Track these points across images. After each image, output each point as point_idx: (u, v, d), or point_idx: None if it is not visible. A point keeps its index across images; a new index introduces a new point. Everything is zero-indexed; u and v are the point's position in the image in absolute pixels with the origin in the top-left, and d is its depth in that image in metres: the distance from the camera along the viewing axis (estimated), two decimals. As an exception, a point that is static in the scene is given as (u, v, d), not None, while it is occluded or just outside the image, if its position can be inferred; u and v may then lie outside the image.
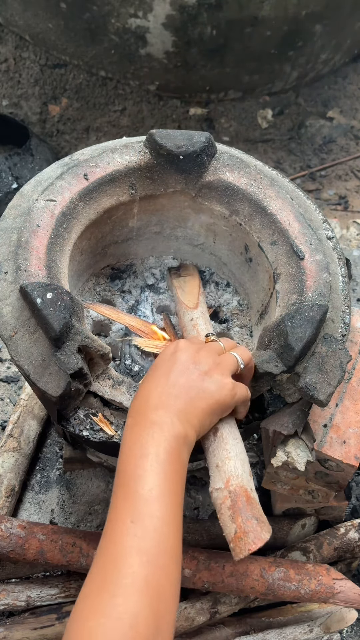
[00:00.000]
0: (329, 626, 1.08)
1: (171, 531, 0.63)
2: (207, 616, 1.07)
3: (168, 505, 0.64)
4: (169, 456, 0.67)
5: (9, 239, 0.96)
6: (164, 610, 0.58)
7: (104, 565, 0.60)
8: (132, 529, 0.60)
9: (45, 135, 2.29)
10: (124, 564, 0.58)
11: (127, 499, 0.63)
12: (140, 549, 0.59)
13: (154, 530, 0.61)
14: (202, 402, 0.75)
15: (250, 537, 0.69)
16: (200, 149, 1.06)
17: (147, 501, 0.63)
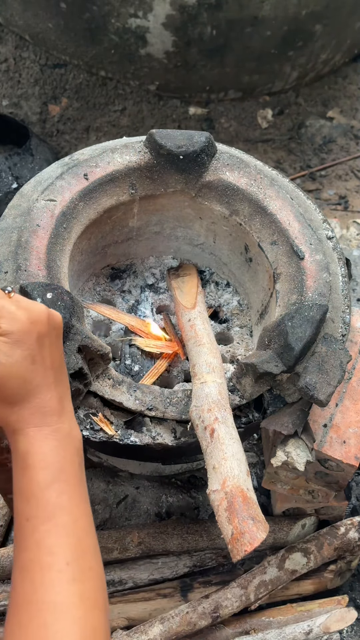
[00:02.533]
0: (328, 626, 1.08)
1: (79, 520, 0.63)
2: (209, 620, 1.08)
3: (62, 496, 0.63)
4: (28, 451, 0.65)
5: (9, 238, 0.96)
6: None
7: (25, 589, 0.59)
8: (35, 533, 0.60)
9: (45, 135, 2.29)
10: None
11: (27, 504, 0.62)
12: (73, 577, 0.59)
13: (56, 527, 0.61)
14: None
15: (246, 537, 0.69)
16: (200, 148, 1.06)
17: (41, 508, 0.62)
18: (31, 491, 0.62)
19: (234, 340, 1.17)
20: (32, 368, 0.65)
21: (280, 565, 1.14)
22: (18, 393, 0.64)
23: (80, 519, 0.63)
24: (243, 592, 1.11)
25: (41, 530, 0.60)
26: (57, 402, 0.67)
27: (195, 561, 1.19)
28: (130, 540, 1.16)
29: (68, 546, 0.61)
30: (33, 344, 0.65)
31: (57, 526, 0.61)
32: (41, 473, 0.63)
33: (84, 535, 0.63)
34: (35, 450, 0.63)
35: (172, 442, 0.91)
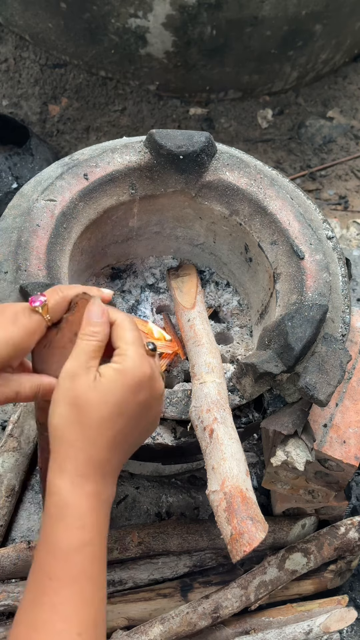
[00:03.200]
0: (328, 626, 1.08)
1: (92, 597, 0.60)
2: (209, 621, 1.08)
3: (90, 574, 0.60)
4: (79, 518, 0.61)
5: (9, 238, 0.96)
6: None
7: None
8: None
9: (45, 135, 2.29)
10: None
11: (72, 584, 0.59)
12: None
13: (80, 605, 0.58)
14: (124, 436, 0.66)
15: (245, 537, 0.69)
16: (200, 148, 1.06)
17: (93, 590, 0.59)
18: (61, 548, 0.58)
19: (234, 340, 1.17)
20: (115, 419, 0.62)
21: (280, 565, 1.14)
22: (90, 426, 0.60)
23: (101, 590, 0.61)
24: (243, 593, 1.11)
25: (61, 594, 0.57)
26: (109, 466, 0.63)
27: (196, 561, 1.19)
28: (130, 540, 1.16)
29: (84, 617, 0.58)
30: (133, 403, 0.63)
31: (78, 593, 0.58)
32: (75, 532, 0.59)
33: (99, 606, 0.60)
34: (75, 505, 0.59)
35: (172, 442, 0.91)
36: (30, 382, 0.67)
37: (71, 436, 0.60)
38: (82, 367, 0.62)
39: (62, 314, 0.68)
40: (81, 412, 0.60)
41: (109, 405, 0.61)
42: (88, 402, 0.60)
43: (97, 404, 0.60)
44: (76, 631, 0.57)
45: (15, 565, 1.14)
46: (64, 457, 0.60)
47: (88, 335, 0.64)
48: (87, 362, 0.62)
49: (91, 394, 0.60)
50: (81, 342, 0.63)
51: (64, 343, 0.68)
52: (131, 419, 0.63)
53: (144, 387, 0.64)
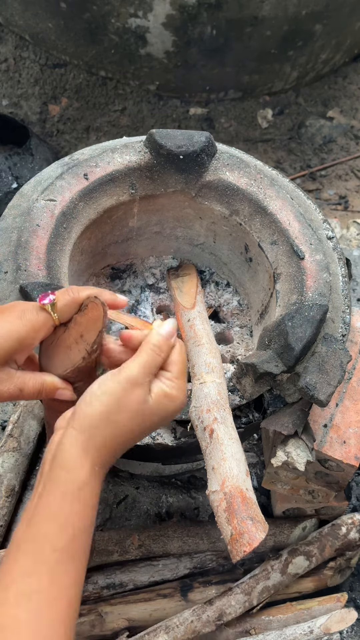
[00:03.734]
0: (329, 627, 1.08)
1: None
2: (212, 627, 1.08)
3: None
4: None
5: (9, 238, 0.96)
6: None
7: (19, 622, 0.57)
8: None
9: (45, 135, 2.29)
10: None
11: (74, 560, 0.61)
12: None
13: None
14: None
15: (245, 538, 0.69)
16: (200, 148, 1.05)
17: (81, 568, 0.62)
18: (73, 526, 0.61)
19: (234, 340, 1.17)
20: (137, 433, 0.66)
21: (283, 570, 1.14)
22: (125, 427, 0.65)
23: (84, 568, 0.64)
24: (247, 598, 1.11)
25: (61, 568, 0.60)
26: (111, 464, 0.67)
27: (196, 563, 1.18)
28: (131, 542, 1.15)
29: (74, 590, 0.61)
30: (157, 422, 0.68)
31: (75, 570, 0.61)
32: (90, 513, 0.63)
33: (82, 582, 0.64)
34: (91, 487, 0.63)
35: (172, 442, 0.91)
36: (34, 380, 0.68)
37: (106, 431, 0.64)
38: (145, 377, 0.65)
39: (71, 315, 0.70)
40: (125, 418, 0.64)
41: (149, 423, 0.66)
42: (136, 413, 0.64)
43: (142, 418, 0.65)
44: (67, 602, 0.59)
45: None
46: (92, 443, 0.63)
47: (159, 349, 0.67)
48: (150, 375, 0.66)
49: (141, 407, 0.65)
50: (151, 353, 0.67)
51: (69, 342, 0.69)
52: (144, 434, 0.68)
53: (173, 414, 0.69)
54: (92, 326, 0.67)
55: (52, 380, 0.69)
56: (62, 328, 0.69)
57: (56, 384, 0.69)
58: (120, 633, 1.11)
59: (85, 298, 0.69)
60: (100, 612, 1.11)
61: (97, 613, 1.11)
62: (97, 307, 0.68)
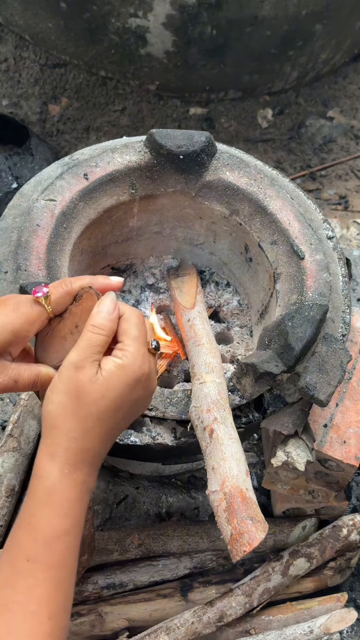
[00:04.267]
0: (329, 627, 1.08)
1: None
2: (213, 629, 1.08)
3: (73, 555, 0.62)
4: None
5: (9, 238, 0.96)
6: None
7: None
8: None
9: (45, 135, 2.29)
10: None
11: (49, 569, 0.60)
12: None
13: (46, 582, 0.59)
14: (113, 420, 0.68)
15: (245, 538, 0.69)
16: (200, 148, 1.05)
17: (65, 577, 0.61)
18: (44, 533, 0.60)
19: (234, 340, 1.17)
20: (111, 414, 0.63)
21: (284, 572, 1.14)
22: (86, 418, 0.62)
23: (72, 577, 0.62)
24: (247, 600, 1.11)
25: (38, 578, 0.59)
26: (98, 457, 0.65)
27: (196, 563, 1.18)
28: (130, 542, 1.15)
29: (55, 601, 0.59)
30: (129, 399, 0.64)
31: (53, 578, 0.59)
32: (60, 520, 0.61)
33: (69, 592, 0.62)
34: (62, 493, 0.61)
35: (172, 442, 0.91)
36: (29, 371, 0.68)
37: (66, 425, 0.61)
38: (87, 360, 0.62)
39: (65, 307, 0.69)
40: (80, 404, 0.61)
41: (108, 400, 0.62)
42: (88, 395, 0.61)
43: (97, 398, 0.61)
44: (47, 614, 0.58)
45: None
46: (56, 444, 0.61)
47: (98, 328, 0.64)
48: (92, 355, 0.63)
49: (92, 387, 0.61)
50: (89, 334, 0.64)
51: (64, 333, 0.68)
52: (125, 414, 0.65)
53: (141, 385, 0.65)
54: (86, 316, 0.66)
55: (47, 371, 0.68)
56: (58, 319, 0.69)
57: (51, 374, 0.68)
58: (120, 633, 1.11)
59: (80, 288, 0.68)
60: (100, 612, 1.11)
61: (97, 613, 1.11)
62: (92, 296, 0.67)
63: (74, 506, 0.62)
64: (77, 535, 0.62)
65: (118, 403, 0.63)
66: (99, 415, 0.62)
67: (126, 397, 0.64)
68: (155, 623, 1.10)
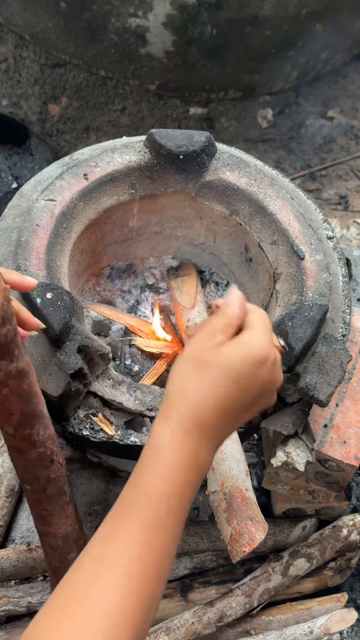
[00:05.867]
0: (329, 627, 1.07)
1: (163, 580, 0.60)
2: (213, 629, 1.08)
3: (171, 552, 0.60)
4: (190, 500, 0.63)
5: (9, 238, 0.96)
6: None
7: (84, 584, 0.55)
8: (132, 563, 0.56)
9: (45, 135, 2.29)
10: (110, 599, 0.54)
11: (147, 528, 0.58)
12: (131, 589, 0.55)
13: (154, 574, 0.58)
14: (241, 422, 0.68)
15: (244, 538, 0.69)
16: (200, 148, 1.05)
17: (163, 543, 0.59)
18: (145, 491, 0.60)
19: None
20: (229, 384, 0.61)
21: (284, 572, 1.14)
22: (202, 381, 0.61)
23: (171, 544, 0.61)
24: (247, 600, 1.11)
25: (135, 536, 0.58)
26: (214, 432, 0.63)
27: (196, 563, 1.18)
28: (131, 541, 1.15)
29: (147, 564, 0.58)
30: (249, 375, 0.62)
31: (150, 541, 0.58)
32: (163, 482, 0.60)
33: (165, 559, 0.60)
34: (168, 455, 0.60)
35: (172, 442, 0.91)
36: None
37: (183, 387, 0.61)
38: (207, 334, 0.63)
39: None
40: (198, 369, 0.61)
41: (225, 369, 0.61)
42: (206, 361, 0.61)
43: (214, 364, 0.61)
44: (137, 575, 0.56)
45: (15, 567, 1.14)
46: (171, 406, 0.61)
47: (221, 313, 0.65)
48: (214, 332, 0.63)
49: (211, 354, 0.61)
50: (213, 317, 0.65)
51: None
52: (245, 392, 0.62)
53: (266, 366, 0.63)
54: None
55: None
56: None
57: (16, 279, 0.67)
58: (120, 633, 1.11)
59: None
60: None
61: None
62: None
63: (179, 473, 0.61)
64: (181, 505, 0.61)
65: (239, 375, 0.61)
66: (215, 382, 0.61)
67: (248, 372, 0.62)
68: (155, 623, 1.10)
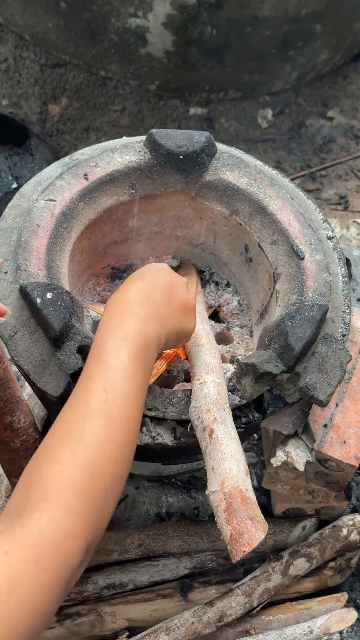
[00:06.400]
0: (329, 627, 1.08)
1: (135, 413, 0.68)
2: (213, 629, 1.08)
3: (136, 389, 0.69)
4: (144, 348, 0.72)
5: (9, 238, 0.96)
6: (122, 468, 0.65)
7: (70, 420, 0.64)
8: (104, 395, 0.65)
9: (45, 135, 2.29)
10: (91, 422, 0.63)
11: (103, 371, 0.67)
12: (107, 413, 0.64)
13: (123, 402, 0.66)
14: (176, 322, 0.82)
15: (244, 538, 0.69)
16: (200, 148, 1.05)
17: (121, 377, 0.67)
18: (128, 375, 0.68)
19: (234, 340, 1.17)
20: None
21: (284, 572, 1.14)
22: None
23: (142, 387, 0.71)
24: (247, 600, 1.11)
25: (103, 379, 0.67)
26: (165, 324, 0.79)
27: (196, 563, 1.18)
28: (131, 542, 1.15)
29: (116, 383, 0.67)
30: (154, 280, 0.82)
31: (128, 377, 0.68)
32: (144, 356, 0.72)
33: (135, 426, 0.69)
34: (149, 338, 0.73)
35: (172, 442, 0.91)
36: None
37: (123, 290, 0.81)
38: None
39: None
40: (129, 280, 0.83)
41: (137, 275, 0.83)
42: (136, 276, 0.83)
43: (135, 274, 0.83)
44: (102, 387, 0.66)
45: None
46: (114, 307, 0.78)
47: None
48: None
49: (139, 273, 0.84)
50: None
51: None
52: (154, 283, 0.81)
53: (163, 272, 0.84)
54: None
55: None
56: None
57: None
58: (120, 633, 1.11)
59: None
60: (100, 612, 1.11)
61: (97, 613, 1.11)
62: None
63: (133, 336, 0.72)
64: (142, 363, 0.72)
65: (141, 275, 0.83)
66: (133, 281, 0.82)
67: (149, 274, 0.83)
68: (155, 623, 1.10)
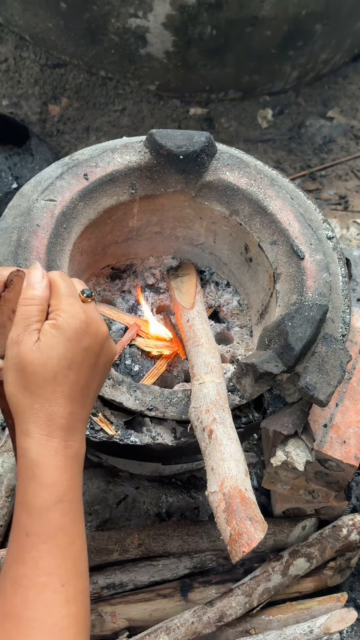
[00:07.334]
0: (329, 627, 1.08)
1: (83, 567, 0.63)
2: (213, 629, 1.08)
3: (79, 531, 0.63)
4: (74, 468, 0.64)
5: (9, 238, 0.96)
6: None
7: (13, 609, 0.58)
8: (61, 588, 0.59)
9: (45, 135, 2.29)
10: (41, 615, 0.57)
11: (48, 539, 0.61)
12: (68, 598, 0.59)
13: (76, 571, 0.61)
14: (96, 375, 0.68)
15: (244, 538, 0.69)
16: (200, 148, 1.05)
17: (68, 543, 0.61)
18: (35, 507, 0.60)
19: (234, 340, 1.17)
20: (66, 373, 0.62)
21: (284, 572, 1.14)
22: (41, 386, 0.61)
23: (78, 540, 0.63)
24: (247, 600, 1.11)
25: (40, 549, 0.59)
26: (72, 420, 0.63)
27: (196, 563, 1.18)
28: (131, 541, 1.15)
29: (65, 568, 0.60)
30: (78, 352, 0.63)
31: (57, 547, 0.60)
32: (47, 490, 0.61)
33: (79, 557, 0.63)
34: (44, 463, 0.61)
35: (172, 442, 0.91)
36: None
37: (26, 400, 0.61)
38: (24, 332, 0.62)
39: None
40: (28, 375, 0.61)
41: (54, 360, 0.61)
42: (33, 364, 0.61)
43: (42, 362, 0.61)
44: (60, 582, 0.59)
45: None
46: (26, 421, 0.61)
47: (28, 299, 0.64)
48: (29, 327, 0.63)
49: (34, 355, 0.61)
50: (22, 308, 0.64)
51: (3, 321, 0.68)
52: (83, 368, 0.64)
53: (85, 333, 0.64)
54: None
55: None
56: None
57: (1, 365, 0.66)
58: (120, 633, 1.11)
59: (9, 274, 0.67)
60: (100, 612, 1.11)
61: (97, 613, 1.11)
62: (22, 279, 0.67)
63: (59, 474, 0.62)
64: (72, 500, 0.62)
65: (68, 359, 0.62)
66: (52, 378, 0.61)
67: (75, 351, 0.63)
68: (155, 623, 1.10)
